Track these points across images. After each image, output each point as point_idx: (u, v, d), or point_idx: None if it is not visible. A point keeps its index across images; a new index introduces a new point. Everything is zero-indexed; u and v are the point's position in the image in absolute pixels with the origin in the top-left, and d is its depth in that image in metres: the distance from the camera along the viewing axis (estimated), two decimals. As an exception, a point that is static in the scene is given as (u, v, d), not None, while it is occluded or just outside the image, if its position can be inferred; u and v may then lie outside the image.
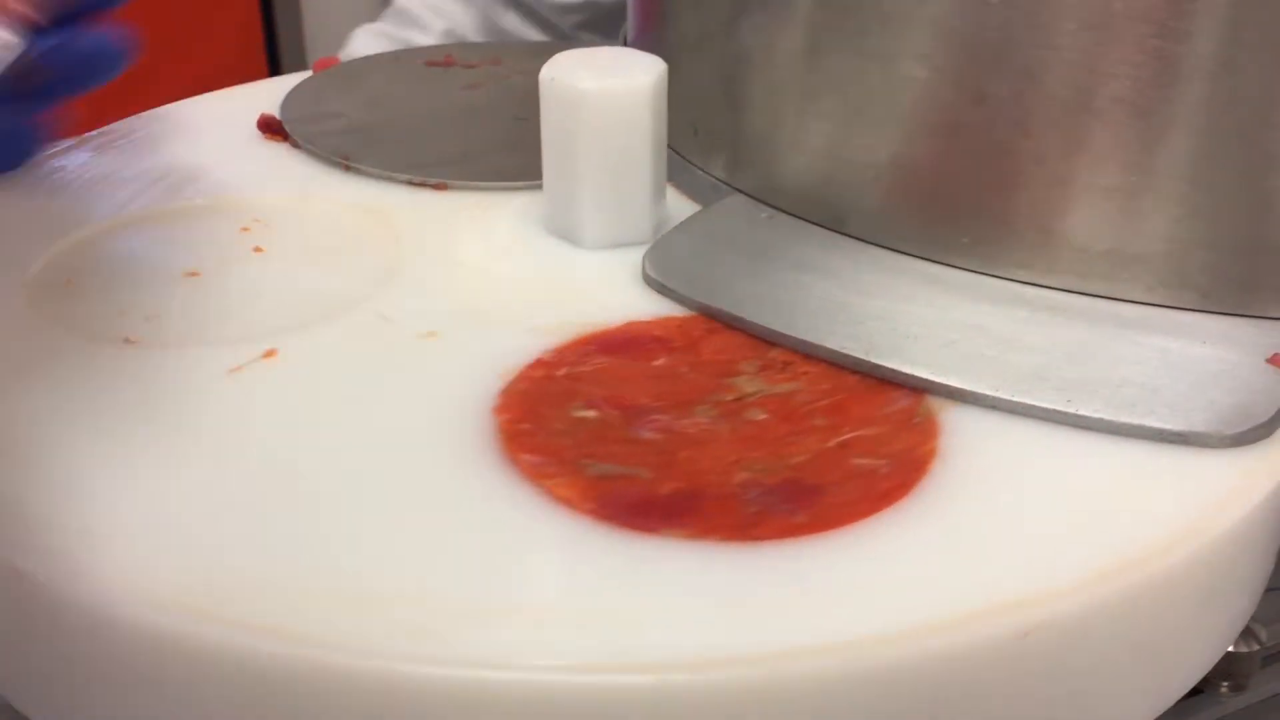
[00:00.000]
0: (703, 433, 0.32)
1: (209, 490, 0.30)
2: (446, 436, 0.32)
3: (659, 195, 0.41)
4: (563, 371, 0.35)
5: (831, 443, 0.32)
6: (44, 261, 0.40)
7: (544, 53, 0.40)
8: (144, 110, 0.52)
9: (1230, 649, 0.36)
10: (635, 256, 0.39)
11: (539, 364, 0.35)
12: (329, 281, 0.40)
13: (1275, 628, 0.39)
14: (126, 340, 0.37)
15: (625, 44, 0.49)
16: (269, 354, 0.35)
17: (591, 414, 0.33)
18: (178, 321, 0.38)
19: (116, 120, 0.51)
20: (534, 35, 0.77)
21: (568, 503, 0.30)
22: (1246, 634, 0.37)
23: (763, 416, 0.33)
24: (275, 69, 1.68)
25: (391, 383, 0.35)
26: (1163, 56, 0.32)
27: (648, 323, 0.37)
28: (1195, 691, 0.38)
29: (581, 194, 0.39)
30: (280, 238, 0.42)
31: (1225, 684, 0.37)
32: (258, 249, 0.41)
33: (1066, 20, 0.32)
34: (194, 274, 0.40)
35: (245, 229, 0.42)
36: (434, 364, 0.35)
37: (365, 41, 0.77)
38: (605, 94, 0.38)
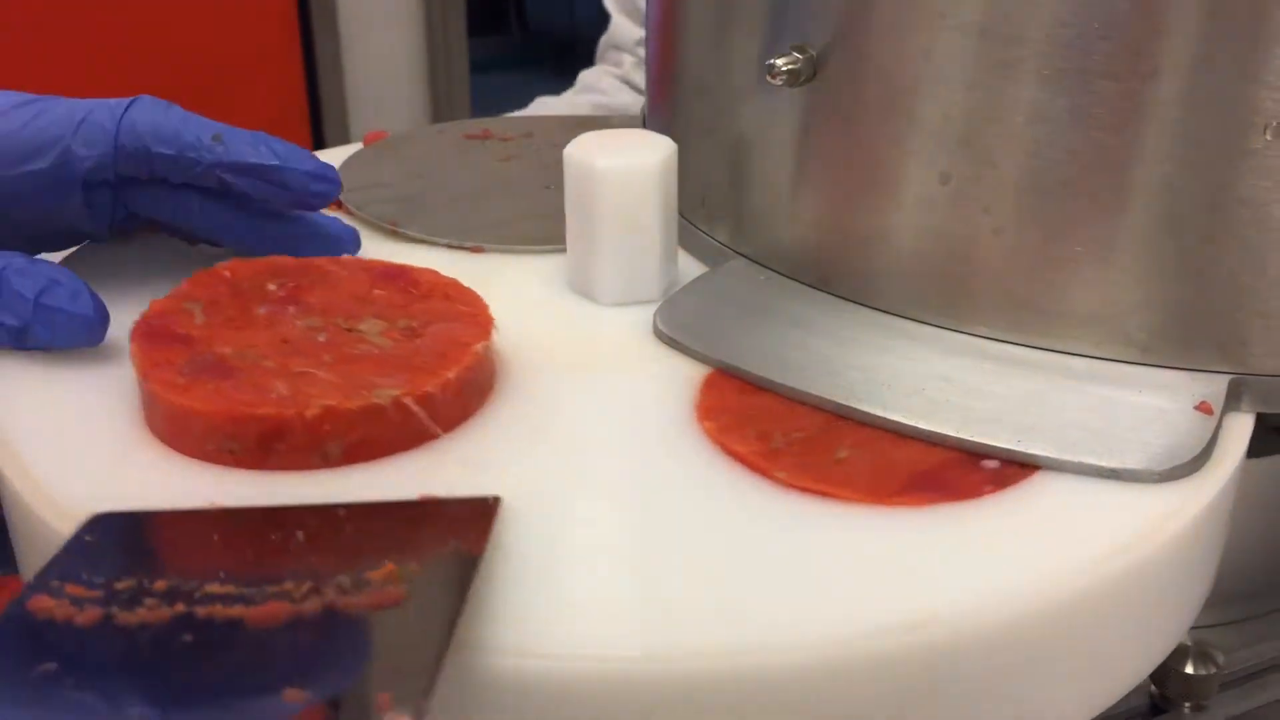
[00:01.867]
0: (279, 326, 0.38)
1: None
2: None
3: (656, 259, 0.44)
4: (333, 268, 0.42)
5: (308, 371, 0.36)
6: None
7: (573, 127, 0.44)
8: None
9: (1191, 672, 0.40)
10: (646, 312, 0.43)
11: (332, 260, 0.43)
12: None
13: (1233, 655, 0.42)
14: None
15: (644, 123, 0.52)
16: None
17: (273, 288, 0.40)
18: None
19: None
20: None
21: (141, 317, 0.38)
22: (1206, 659, 0.40)
23: (322, 339, 0.38)
24: (318, 132, 1.75)
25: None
26: (1104, 147, 0.35)
27: (435, 274, 0.42)
28: (1160, 711, 0.41)
29: (573, 249, 0.44)
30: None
31: (1188, 704, 0.40)
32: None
33: (1017, 114, 0.36)
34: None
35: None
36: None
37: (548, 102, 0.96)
38: (578, 166, 0.42)
